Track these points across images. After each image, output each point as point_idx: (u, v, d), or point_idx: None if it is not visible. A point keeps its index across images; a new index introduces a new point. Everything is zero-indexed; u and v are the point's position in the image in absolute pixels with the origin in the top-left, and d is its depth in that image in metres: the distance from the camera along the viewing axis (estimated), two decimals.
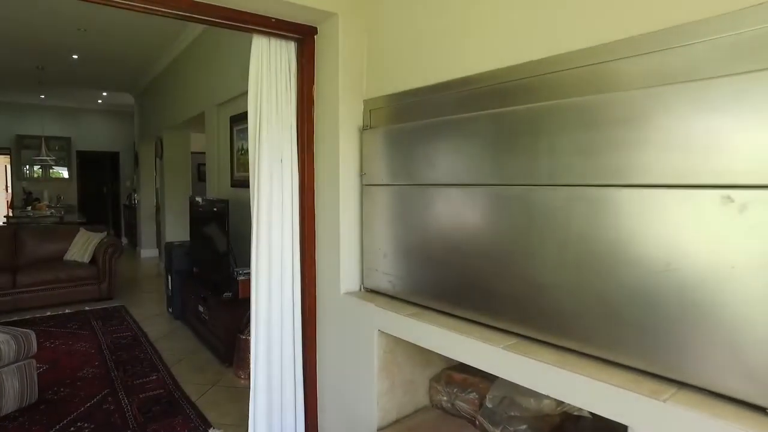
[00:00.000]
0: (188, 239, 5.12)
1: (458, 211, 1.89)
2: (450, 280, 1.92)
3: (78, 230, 6.11)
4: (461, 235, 1.86)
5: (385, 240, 2.24)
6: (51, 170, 10.71)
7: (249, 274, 2.91)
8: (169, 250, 5.03)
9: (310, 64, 2.53)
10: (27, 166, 10.52)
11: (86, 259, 5.81)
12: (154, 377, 3.58)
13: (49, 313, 5.26)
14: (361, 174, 2.40)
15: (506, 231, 1.69)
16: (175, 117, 6.70)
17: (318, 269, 2.55)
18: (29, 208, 9.11)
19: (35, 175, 10.58)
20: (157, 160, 9.19)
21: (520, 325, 1.65)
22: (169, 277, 5.03)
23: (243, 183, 4.59)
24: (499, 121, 1.73)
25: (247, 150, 4.43)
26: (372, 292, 2.35)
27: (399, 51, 2.24)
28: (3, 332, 3.10)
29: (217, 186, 5.12)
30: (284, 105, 2.52)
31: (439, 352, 1.85)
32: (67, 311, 5.34)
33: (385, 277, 2.24)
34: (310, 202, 2.56)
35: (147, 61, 7.12)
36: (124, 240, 11.34)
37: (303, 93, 2.54)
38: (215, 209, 4.26)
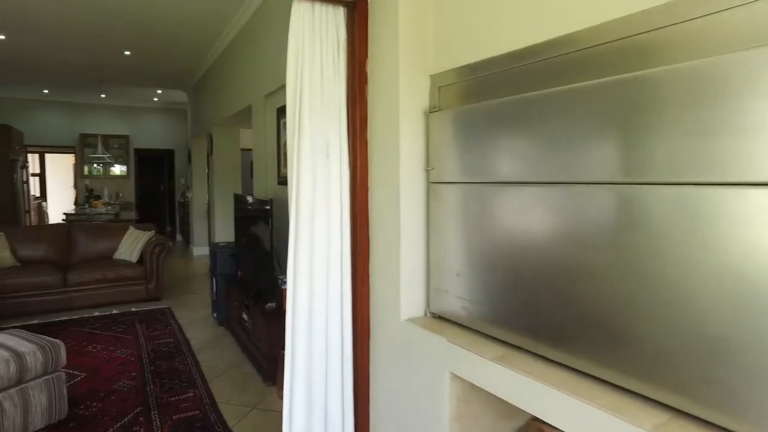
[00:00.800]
0: (234, 240, 4.82)
1: (565, 217, 1.37)
2: (551, 312, 1.40)
3: (128, 228, 5.97)
4: (570, 249, 1.34)
5: (459, 254, 1.74)
6: (111, 168, 10.89)
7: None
8: (213, 252, 4.74)
9: (362, 33, 2.06)
10: (93, 164, 10.74)
11: (134, 258, 5.65)
12: (191, 394, 3.24)
13: (96, 314, 5.11)
14: (428, 169, 1.90)
15: (649, 244, 1.15)
16: (223, 111, 6.46)
17: (373, 287, 2.09)
18: (86, 205, 9.25)
19: (97, 173, 10.79)
20: (209, 157, 9.08)
21: (677, 394, 1.11)
22: (214, 280, 4.74)
23: (286, 179, 4.21)
24: (628, 90, 1.19)
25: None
26: (440, 319, 1.86)
27: (475, 10, 1.72)
28: (30, 342, 2.85)
29: (264, 184, 4.78)
30: (331, 84, 2.07)
31: (542, 418, 1.33)
32: (114, 312, 5.18)
33: (457, 301, 1.74)
34: (363, 204, 2.09)
35: (196, 55, 6.92)
36: (179, 237, 11.40)
37: (354, 69, 2.08)
38: (259, 209, 3.90)
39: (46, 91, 9.78)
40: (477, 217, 1.68)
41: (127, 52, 6.76)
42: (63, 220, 7.46)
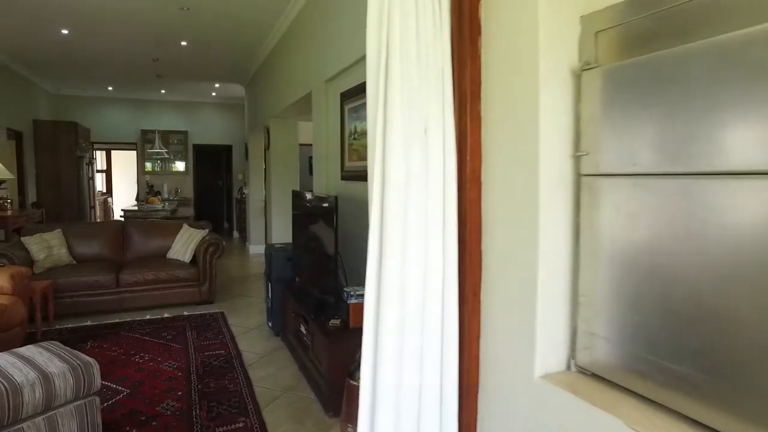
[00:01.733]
0: (291, 241, 4.37)
1: None
2: None
3: (181, 226, 5.67)
4: None
5: (633, 283, 1.12)
6: (173, 164, 10.86)
7: (362, 296, 2.04)
8: (269, 254, 4.30)
9: None
10: (155, 160, 10.76)
11: (187, 258, 5.33)
12: (241, 424, 2.78)
13: (148, 317, 4.81)
14: (577, 155, 1.29)
15: None
16: (281, 102, 6.05)
17: (487, 322, 1.49)
18: (144, 201, 9.19)
19: (156, 169, 10.80)
20: (266, 152, 8.78)
21: None
22: (269, 285, 4.30)
23: (356, 175, 3.68)
24: None
25: (361, 133, 3.51)
26: (595, 379, 1.25)
27: None
28: (62, 359, 2.46)
29: (326, 179, 4.29)
30: (429, 41, 1.49)
31: None
32: (165, 315, 4.86)
33: (632, 353, 1.12)
34: (473, 204, 1.51)
35: (253, 44, 6.57)
36: (236, 235, 11.24)
37: (461, 17, 1.49)
38: (320, 208, 3.39)
39: (110, 88, 9.82)
40: (669, 226, 1.05)
41: (184, 42, 6.49)
42: (121, 216, 7.35)
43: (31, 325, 4.20)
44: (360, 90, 3.57)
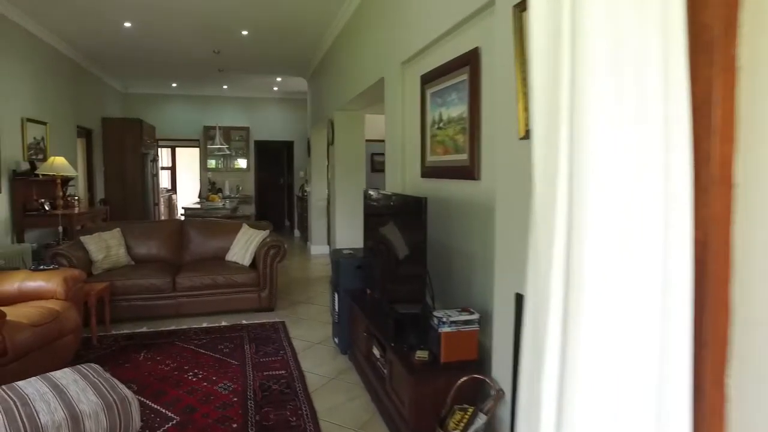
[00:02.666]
0: (360, 246, 3.85)
1: None
2: None
3: (241, 226, 5.30)
4: None
5: None
6: (234, 161, 10.71)
7: (459, 323, 1.96)
8: (336, 261, 3.79)
9: None
10: (217, 157, 10.66)
11: (246, 261, 4.94)
12: None
13: (205, 324, 4.45)
14: None
15: None
16: (347, 92, 5.55)
17: (736, 411, 0.86)
18: (204, 199, 9.02)
19: (218, 166, 10.68)
20: (329, 147, 8.39)
21: None
22: (336, 296, 3.79)
23: (441, 170, 3.09)
24: None
25: (448, 121, 2.91)
26: None
27: None
28: (97, 393, 2.04)
29: (401, 176, 3.72)
30: None
31: None
32: (223, 323, 4.48)
33: None
34: (718, 221, 0.86)
35: (316, 31, 6.12)
36: (297, 233, 10.95)
37: None
38: (401, 210, 2.83)
39: (174, 85, 9.76)
40: None
41: (245, 32, 6.14)
42: (181, 214, 7.15)
43: (86, 329, 3.92)
44: (445, 70, 2.98)
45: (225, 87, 9.92)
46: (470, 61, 2.67)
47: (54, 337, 3.29)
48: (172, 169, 13.21)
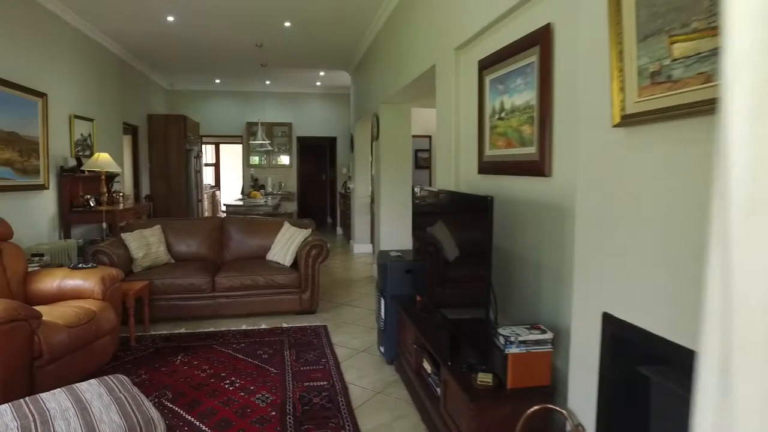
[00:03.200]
0: (408, 248, 3.55)
1: None
2: None
3: (282, 224, 5.10)
4: None
5: None
6: (277, 158, 10.63)
7: (529, 343, 1.75)
8: (382, 264, 3.51)
9: None
10: (260, 154, 10.62)
11: (287, 261, 4.73)
12: None
13: (244, 327, 4.27)
14: None
15: None
16: (393, 84, 5.26)
17: None
18: (246, 195, 8.94)
19: (261, 162, 10.63)
20: (373, 143, 8.15)
21: None
22: (382, 301, 3.51)
23: (502, 166, 2.75)
24: None
25: (512, 110, 2.58)
26: None
27: None
28: (120, 415, 1.83)
29: (454, 172, 3.40)
30: None
31: None
32: (263, 326, 4.29)
33: None
34: None
35: (360, 20, 5.84)
36: (339, 231, 10.77)
37: None
38: (460, 210, 2.52)
39: (218, 81, 9.74)
40: None
41: (287, 23, 5.94)
42: (223, 211, 7.05)
43: (124, 328, 3.81)
44: (509, 53, 2.63)
45: (268, 83, 9.83)
46: (540, 39, 2.32)
47: (90, 339, 3.16)
48: (216, 166, 13.31)
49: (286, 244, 4.83)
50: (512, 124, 2.64)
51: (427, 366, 2.74)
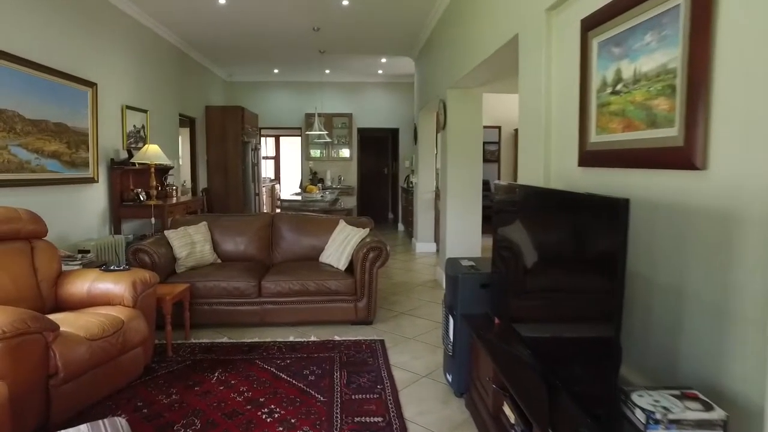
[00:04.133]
0: (480, 254, 2.91)
1: None
2: None
3: (338, 223, 4.60)
4: None
5: None
6: (337, 150, 10.22)
7: (686, 425, 1.13)
8: (452, 276, 2.90)
9: None
10: (318, 146, 10.26)
11: (342, 264, 4.22)
12: None
13: (291, 338, 3.80)
14: None
15: None
16: (462, 65, 4.60)
17: None
18: (302, 190, 8.56)
19: (320, 155, 10.26)
20: (439, 134, 7.52)
21: None
22: (451, 321, 2.90)
23: (615, 156, 2.06)
24: None
25: (635, 80, 1.85)
26: None
27: None
28: None
29: (544, 164, 2.72)
30: None
31: None
32: (312, 339, 3.80)
33: None
34: None
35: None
36: (401, 227, 10.22)
37: None
38: (571, 214, 1.86)
39: (276, 71, 9.44)
40: None
41: (346, 2, 5.41)
42: (277, 207, 6.67)
43: (162, 334, 3.46)
44: (633, 0, 1.93)
45: (327, 71, 9.41)
46: None
47: (115, 353, 2.79)
48: (276, 159, 13.14)
49: (341, 245, 4.31)
50: (635, 99, 1.94)
51: (509, 413, 2.11)
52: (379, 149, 11.80)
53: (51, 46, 4.19)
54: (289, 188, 12.23)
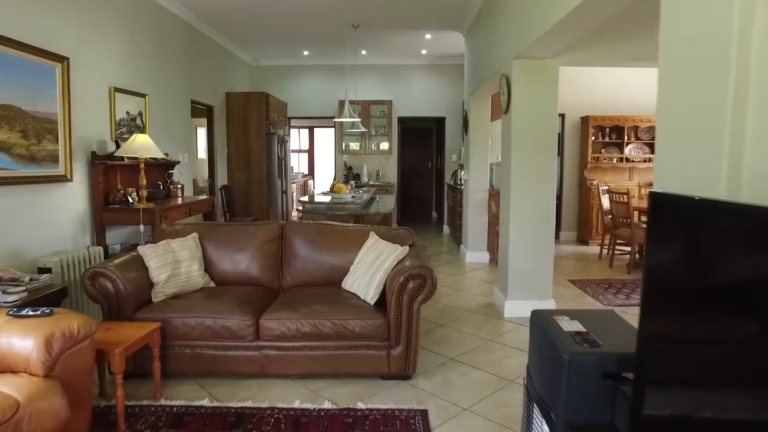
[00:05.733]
0: (581, 303, 1.69)
1: None
2: None
3: (367, 235, 3.46)
4: None
5: None
6: (376, 142, 9.08)
7: None
8: (548, 350, 1.69)
9: None
10: (352, 138, 9.17)
11: (371, 296, 3.07)
12: None
13: (297, 404, 2.70)
14: None
15: None
16: (534, 26, 3.35)
17: None
18: (329, 189, 7.46)
19: (357, 148, 9.14)
20: (493, 123, 6.30)
21: None
22: (542, 425, 1.69)
23: None
24: None
25: None
26: None
27: None
28: None
29: (727, 165, 1.45)
30: None
31: None
32: (325, 405, 2.69)
33: None
34: None
35: None
36: (446, 230, 9.00)
37: None
38: None
39: (306, 53, 8.38)
40: None
41: None
42: (298, 209, 5.58)
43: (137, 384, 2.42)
44: None
45: (363, 52, 8.27)
46: None
47: None
48: (310, 152, 12.15)
49: (370, 267, 3.17)
50: None
51: None
52: (422, 141, 10.64)
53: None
54: (324, 184, 11.22)
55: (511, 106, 4.16)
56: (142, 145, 4.13)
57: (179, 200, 5.15)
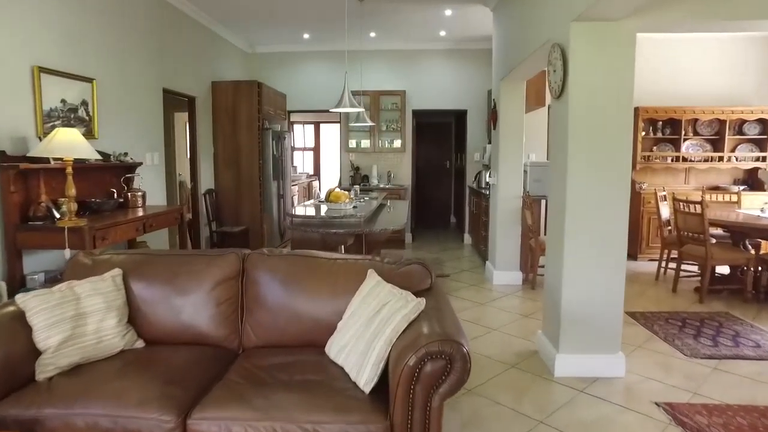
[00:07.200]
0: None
1: None
2: None
3: (365, 274, 2.35)
4: None
5: None
6: (387, 139, 7.97)
7: None
8: None
9: None
10: (358, 133, 8.07)
11: (364, 380, 1.95)
12: None
13: None
14: None
15: None
16: None
17: None
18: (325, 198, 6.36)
19: (367, 145, 8.04)
20: (533, 113, 5.22)
21: None
22: None
23: None
24: None
25: None
26: None
27: None
28: None
29: None
30: None
31: None
32: None
33: None
34: None
35: None
36: (467, 239, 7.85)
37: None
38: None
39: (306, 36, 7.29)
40: None
41: None
42: (288, 225, 4.44)
43: None
44: None
45: (372, 35, 7.16)
46: None
47: None
48: (316, 150, 11.09)
49: (367, 328, 2.06)
50: None
51: None
52: (440, 138, 9.53)
53: None
54: (331, 185, 10.16)
55: (567, 88, 3.01)
56: (65, 143, 3.08)
57: (139, 212, 4.11)
